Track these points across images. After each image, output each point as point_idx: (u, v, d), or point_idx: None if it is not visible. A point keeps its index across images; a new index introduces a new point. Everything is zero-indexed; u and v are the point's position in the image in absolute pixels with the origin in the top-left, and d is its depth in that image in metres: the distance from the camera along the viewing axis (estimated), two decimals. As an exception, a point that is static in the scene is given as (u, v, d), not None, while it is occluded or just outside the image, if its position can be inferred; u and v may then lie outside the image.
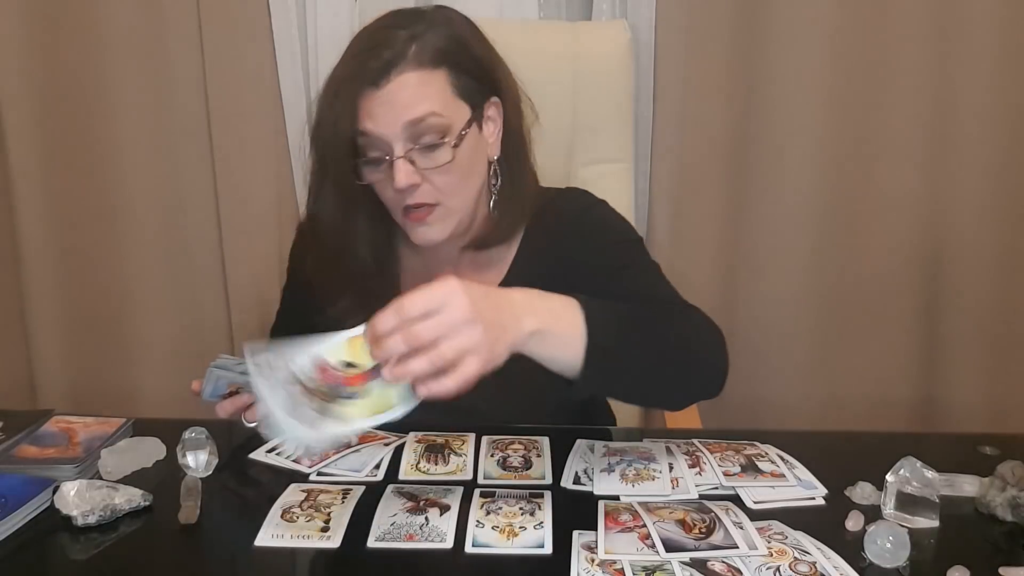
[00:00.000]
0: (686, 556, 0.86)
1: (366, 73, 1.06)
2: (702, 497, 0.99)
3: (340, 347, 0.87)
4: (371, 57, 1.06)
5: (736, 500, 0.99)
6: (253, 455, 1.11)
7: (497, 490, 1.01)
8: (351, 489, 1.01)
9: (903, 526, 0.91)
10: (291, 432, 0.84)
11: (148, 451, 1.11)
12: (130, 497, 0.98)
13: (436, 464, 1.08)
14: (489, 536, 0.91)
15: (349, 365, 0.87)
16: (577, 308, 0.90)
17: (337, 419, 0.85)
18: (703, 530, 0.90)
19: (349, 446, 1.11)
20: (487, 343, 0.81)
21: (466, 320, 0.81)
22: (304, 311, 1.19)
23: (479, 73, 1.12)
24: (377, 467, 1.06)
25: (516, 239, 1.23)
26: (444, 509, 0.96)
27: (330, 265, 1.17)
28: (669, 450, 1.09)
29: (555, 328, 0.88)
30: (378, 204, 1.15)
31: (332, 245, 1.16)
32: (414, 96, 1.06)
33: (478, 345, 0.81)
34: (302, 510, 0.96)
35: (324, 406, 0.85)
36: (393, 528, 0.93)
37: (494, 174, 1.17)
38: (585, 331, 0.89)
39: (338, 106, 1.07)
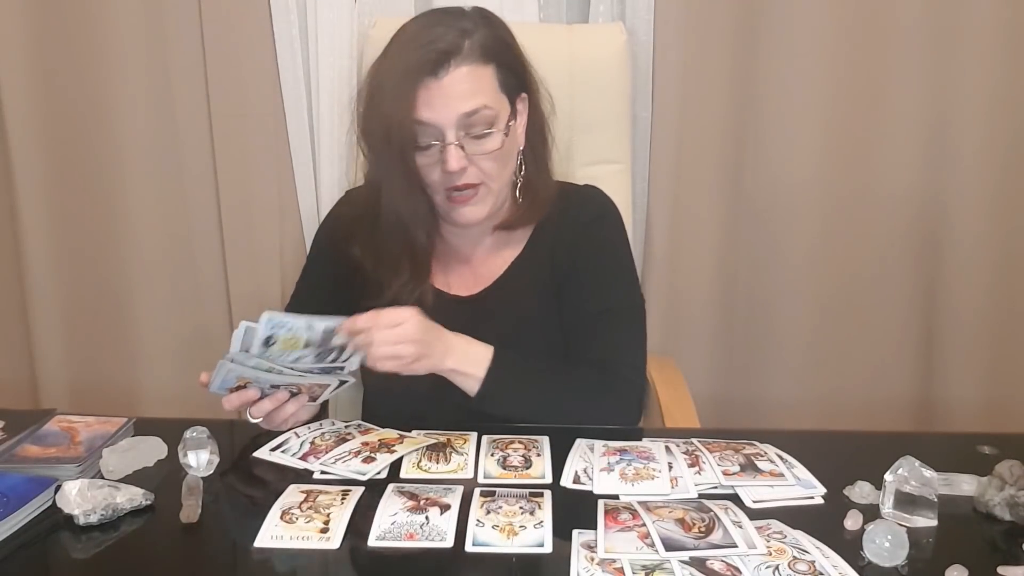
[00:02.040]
0: (685, 555, 0.87)
1: (425, 64, 1.15)
2: (701, 496, 1.00)
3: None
4: (430, 49, 1.15)
5: (735, 499, 0.99)
6: (256, 454, 1.12)
7: (497, 489, 1.01)
8: (350, 490, 1.01)
9: (902, 525, 0.91)
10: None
11: (149, 450, 1.11)
12: (131, 496, 0.98)
13: (438, 462, 1.08)
14: (489, 535, 0.92)
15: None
16: (488, 361, 1.18)
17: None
18: (702, 529, 0.91)
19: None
20: (419, 360, 1.13)
21: (408, 339, 1.11)
22: (328, 294, 1.31)
23: (519, 70, 1.22)
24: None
25: (531, 225, 1.32)
26: (444, 508, 0.96)
27: (397, 245, 1.24)
28: (668, 449, 1.10)
29: (465, 370, 1.18)
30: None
31: (401, 226, 1.22)
32: (469, 89, 1.16)
33: (412, 356, 1.12)
34: (301, 511, 0.96)
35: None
36: (394, 527, 0.93)
37: (520, 163, 1.27)
38: (483, 379, 1.18)
39: (399, 93, 1.15)
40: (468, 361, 1.18)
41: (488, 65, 1.18)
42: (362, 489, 1.02)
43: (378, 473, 1.06)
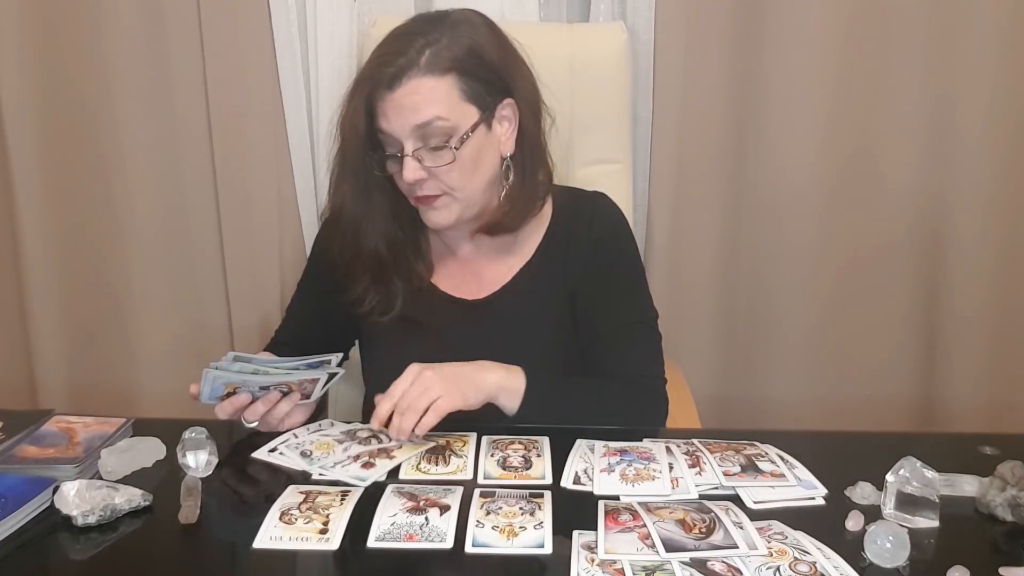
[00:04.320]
0: (686, 556, 0.86)
1: (381, 77, 1.16)
2: (702, 497, 0.99)
3: None
4: (387, 63, 1.16)
5: (736, 500, 0.99)
6: (254, 454, 1.12)
7: (497, 490, 1.01)
8: (349, 491, 1.01)
9: (903, 526, 0.91)
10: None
11: (148, 451, 1.11)
12: (130, 497, 0.98)
13: (437, 464, 1.08)
14: (489, 536, 0.91)
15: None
16: (522, 377, 1.18)
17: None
18: (703, 530, 0.91)
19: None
20: (455, 392, 1.11)
21: (431, 382, 1.10)
22: (325, 299, 1.31)
23: (491, 77, 1.20)
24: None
25: (540, 231, 1.31)
26: (444, 509, 0.96)
27: (349, 250, 1.26)
28: (669, 450, 1.09)
29: (509, 385, 1.17)
30: (399, 192, 1.24)
31: (349, 231, 1.25)
32: (422, 101, 1.15)
33: (443, 392, 1.09)
34: (300, 512, 0.96)
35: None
36: (393, 528, 0.93)
37: (507, 169, 1.25)
38: (523, 393, 1.18)
39: (356, 105, 1.19)
40: (509, 377, 1.17)
41: (446, 76, 1.15)
42: (361, 490, 1.01)
43: (378, 478, 1.06)
